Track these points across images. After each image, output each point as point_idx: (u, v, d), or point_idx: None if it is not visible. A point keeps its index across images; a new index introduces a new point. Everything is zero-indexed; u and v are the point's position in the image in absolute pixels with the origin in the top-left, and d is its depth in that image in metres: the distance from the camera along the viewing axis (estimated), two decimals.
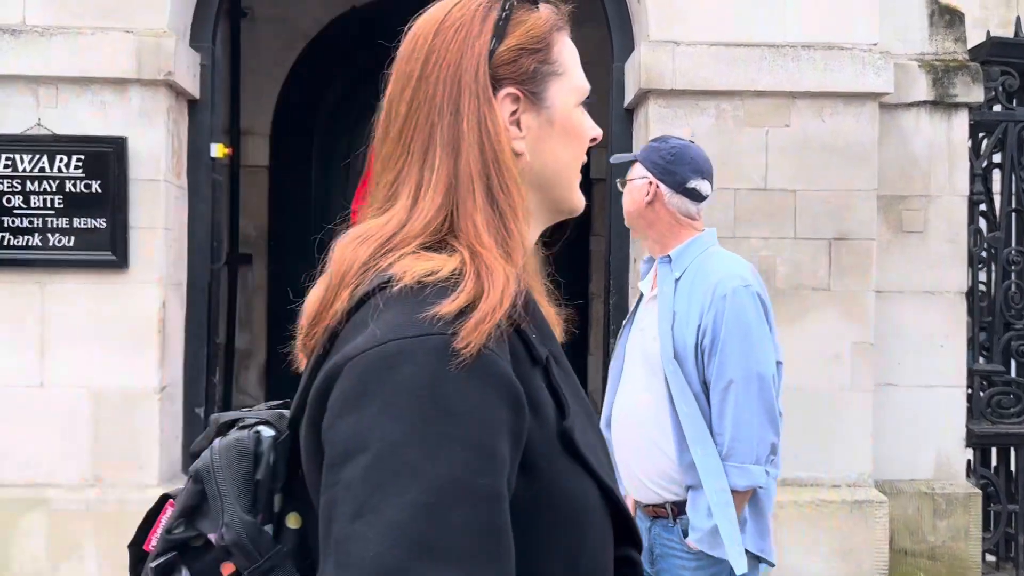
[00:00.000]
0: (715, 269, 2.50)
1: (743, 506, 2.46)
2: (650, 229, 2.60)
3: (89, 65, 4.35)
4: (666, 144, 2.62)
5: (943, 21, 4.81)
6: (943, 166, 4.75)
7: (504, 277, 0.98)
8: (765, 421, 2.42)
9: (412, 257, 1.01)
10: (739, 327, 2.42)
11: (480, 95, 1.05)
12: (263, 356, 6.91)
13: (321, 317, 1.03)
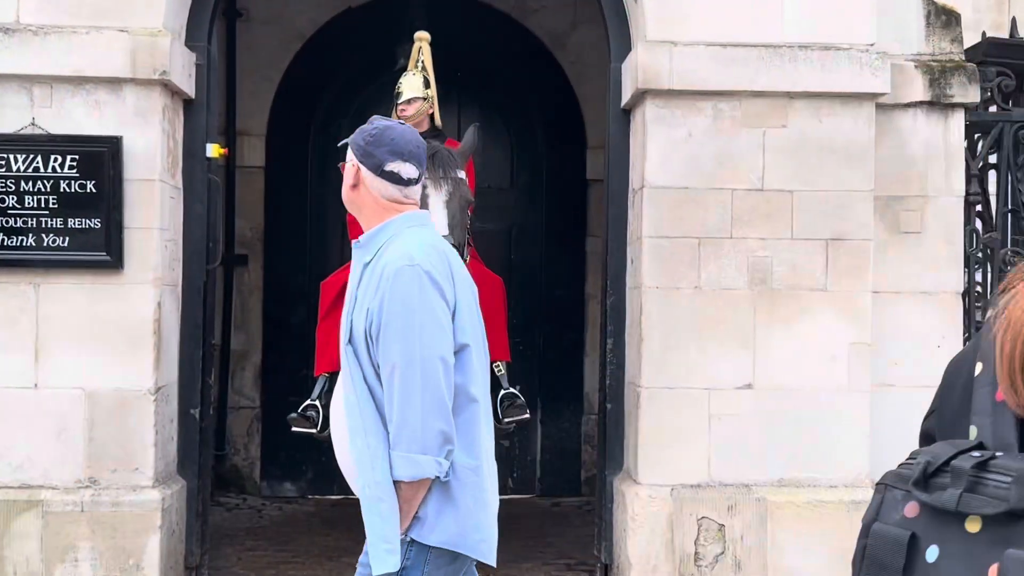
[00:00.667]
0: (393, 251, 2.36)
1: (416, 498, 2.30)
2: (359, 213, 2.50)
3: (84, 64, 4.33)
4: (369, 126, 2.49)
5: (940, 22, 4.81)
6: (940, 167, 4.75)
7: None
8: (432, 408, 2.25)
9: None
10: (402, 309, 2.28)
11: None
12: (258, 357, 6.89)
13: None
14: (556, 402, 6.99)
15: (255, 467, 6.85)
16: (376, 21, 6.74)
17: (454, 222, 3.94)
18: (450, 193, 3.97)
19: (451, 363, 2.31)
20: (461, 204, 4.01)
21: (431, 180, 3.99)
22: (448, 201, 3.96)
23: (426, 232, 2.47)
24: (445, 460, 2.28)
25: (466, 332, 2.36)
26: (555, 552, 5.56)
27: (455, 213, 3.96)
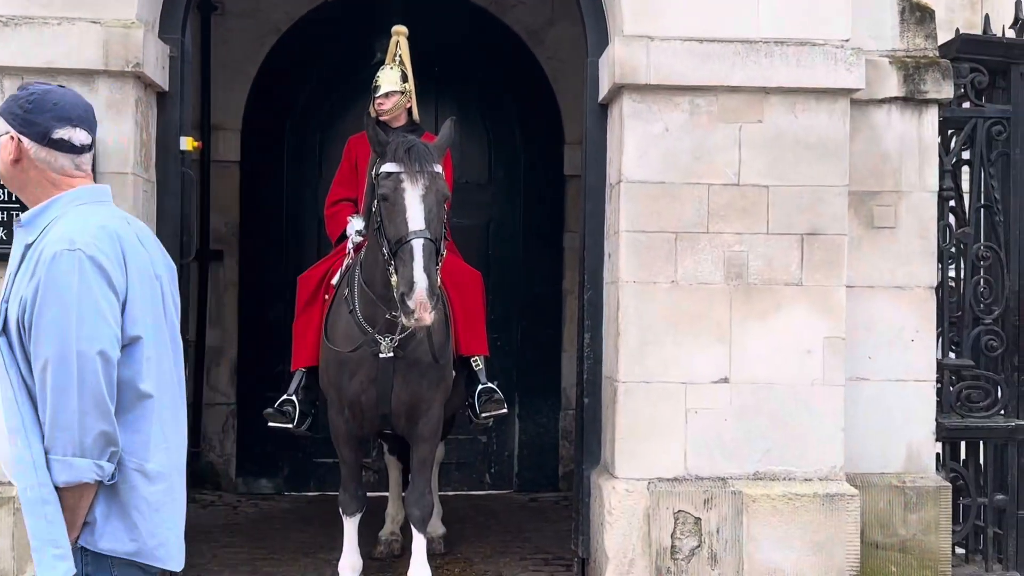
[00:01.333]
0: (55, 232, 2.12)
1: (81, 504, 2.12)
2: (24, 192, 2.22)
3: (56, 56, 4.28)
4: (25, 91, 2.21)
5: (914, 18, 4.85)
6: (914, 162, 4.79)
7: None
8: (89, 407, 2.06)
9: None
10: (57, 298, 2.07)
11: None
12: (234, 353, 6.84)
13: None
14: (534, 397, 6.99)
15: (231, 464, 6.81)
16: (353, 15, 6.71)
17: (431, 216, 3.93)
18: (426, 187, 3.96)
19: (114, 358, 2.10)
20: (438, 198, 3.99)
21: (407, 174, 3.97)
22: (424, 195, 3.94)
23: (100, 210, 2.20)
24: (108, 463, 2.10)
25: (138, 323, 2.15)
26: (532, 547, 5.56)
27: (432, 207, 3.94)
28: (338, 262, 4.67)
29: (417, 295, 3.76)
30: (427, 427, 4.45)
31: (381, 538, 5.30)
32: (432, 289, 3.79)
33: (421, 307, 3.76)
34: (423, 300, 3.76)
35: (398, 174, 3.97)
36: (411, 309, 3.78)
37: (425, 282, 3.77)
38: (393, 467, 5.48)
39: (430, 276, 3.80)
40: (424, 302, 3.76)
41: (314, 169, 6.92)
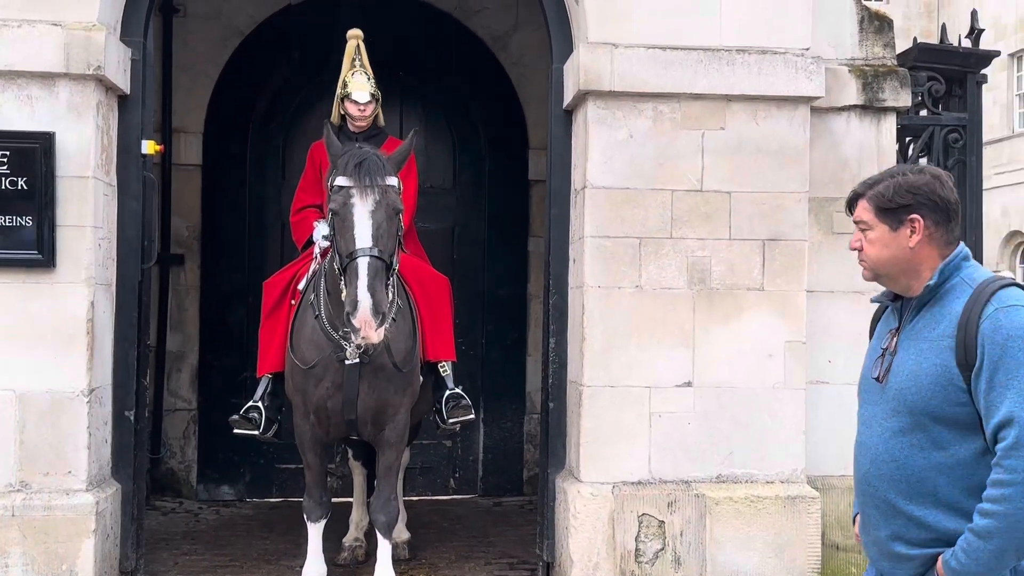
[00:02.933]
0: None
1: None
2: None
3: (15, 58, 4.23)
4: None
5: (872, 27, 4.94)
6: (872, 169, 4.85)
7: None
8: None
9: None
10: None
11: None
12: (195, 358, 6.76)
13: None
14: (498, 401, 6.99)
15: (192, 470, 6.73)
16: (316, 19, 6.68)
17: (380, 232, 3.91)
18: (377, 202, 3.93)
19: None
20: (389, 213, 3.96)
21: (357, 189, 3.95)
22: (374, 211, 3.92)
23: None
24: None
25: None
26: (497, 551, 5.56)
27: (381, 223, 3.92)
28: (304, 267, 4.65)
29: (360, 314, 3.75)
30: (393, 433, 4.44)
31: (345, 544, 5.28)
32: (377, 307, 3.77)
33: (366, 325, 3.76)
34: (367, 319, 3.75)
35: (348, 188, 3.96)
36: (356, 328, 3.78)
37: (368, 301, 3.76)
38: (357, 473, 5.46)
39: (375, 294, 3.78)
40: (368, 320, 3.75)
41: (277, 172, 6.88)
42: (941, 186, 2.27)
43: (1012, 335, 2.10)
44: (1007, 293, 2.18)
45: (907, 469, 2.20)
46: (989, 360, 2.11)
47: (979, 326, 2.13)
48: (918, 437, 2.20)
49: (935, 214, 2.25)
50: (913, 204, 2.24)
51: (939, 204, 2.25)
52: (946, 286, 2.23)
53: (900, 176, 2.29)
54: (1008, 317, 2.12)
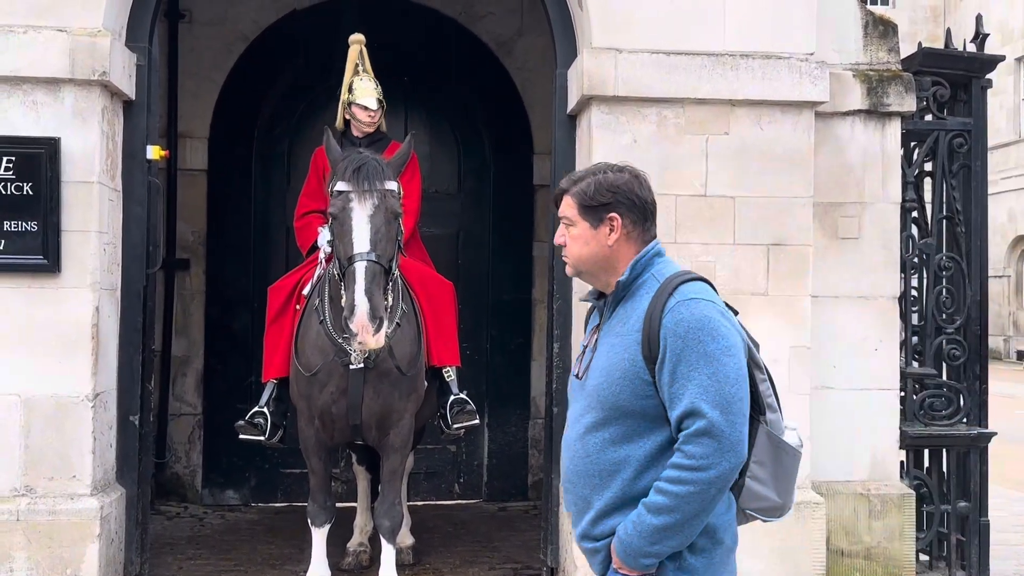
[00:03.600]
0: None
1: None
2: None
3: (21, 64, 4.24)
4: None
5: (877, 32, 4.93)
6: (877, 174, 4.87)
7: None
8: None
9: None
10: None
11: None
12: (200, 363, 6.77)
13: None
14: (503, 406, 6.99)
15: (197, 475, 6.73)
16: (321, 24, 6.69)
17: (378, 236, 3.92)
18: (375, 207, 3.95)
19: None
20: (387, 217, 3.97)
21: (356, 194, 3.96)
22: (372, 215, 3.93)
23: None
24: None
25: None
26: (502, 556, 5.56)
27: (379, 227, 3.93)
28: (309, 272, 4.65)
29: (357, 319, 3.77)
30: (398, 438, 4.44)
31: (349, 549, 5.27)
32: (374, 312, 3.78)
33: (363, 330, 3.77)
34: (364, 323, 3.76)
35: (347, 193, 3.98)
36: (354, 333, 3.79)
37: (366, 306, 3.77)
38: (362, 477, 5.46)
39: (372, 299, 3.79)
40: (365, 325, 3.76)
41: (282, 177, 6.89)
42: (640, 186, 2.31)
43: (692, 327, 2.12)
44: (689, 287, 2.20)
45: (598, 464, 2.20)
46: (672, 353, 2.12)
47: (662, 320, 2.15)
48: (610, 432, 2.20)
49: (633, 213, 2.29)
50: (612, 203, 2.27)
51: (636, 203, 2.29)
52: (637, 282, 2.25)
53: (601, 174, 2.31)
54: (689, 310, 2.14)
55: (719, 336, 2.12)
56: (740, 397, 2.10)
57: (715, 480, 2.07)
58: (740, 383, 2.11)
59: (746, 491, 2.19)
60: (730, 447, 2.07)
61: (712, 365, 2.09)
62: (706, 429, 2.07)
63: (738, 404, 2.09)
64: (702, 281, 2.25)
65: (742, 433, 2.09)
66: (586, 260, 2.31)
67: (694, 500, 2.08)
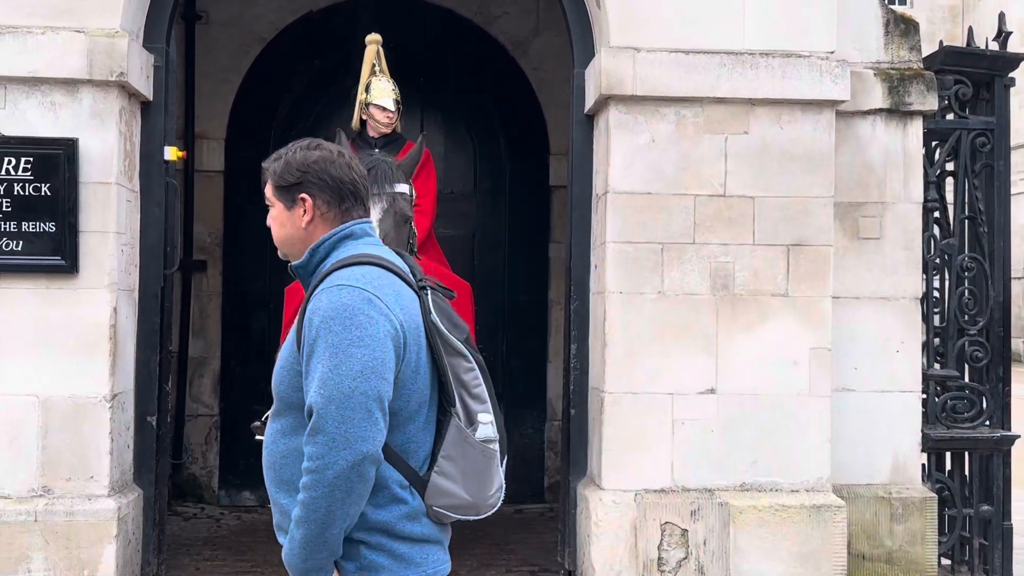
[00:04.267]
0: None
1: None
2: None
3: (39, 65, 4.25)
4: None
5: (898, 30, 4.88)
6: (898, 174, 4.82)
7: None
8: None
9: None
10: None
11: None
12: (217, 364, 6.78)
13: None
14: (519, 408, 6.96)
15: (213, 476, 6.74)
16: (337, 25, 6.69)
17: (387, 240, 3.91)
18: (384, 210, 3.93)
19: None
20: (397, 220, 3.95)
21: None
22: (381, 219, 3.92)
23: None
24: None
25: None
26: (519, 559, 5.53)
27: (388, 231, 3.91)
28: None
29: None
30: None
31: None
32: None
33: None
34: None
35: None
36: None
37: None
38: None
39: None
40: None
41: None
42: (332, 164, 2.14)
43: (327, 317, 1.96)
44: (345, 272, 2.03)
45: (273, 456, 2.09)
46: (307, 343, 1.99)
47: (307, 308, 2.03)
48: (281, 423, 2.09)
49: (325, 193, 2.12)
50: (303, 182, 2.12)
51: (329, 183, 2.12)
52: (322, 267, 2.09)
53: (292, 153, 2.16)
54: (328, 298, 1.98)
55: (354, 326, 1.94)
56: (364, 391, 1.92)
57: (335, 481, 1.90)
58: (367, 377, 1.93)
59: (432, 487, 2.04)
60: (344, 444, 1.90)
61: (336, 358, 1.93)
62: (319, 427, 1.92)
63: (359, 399, 1.91)
64: (371, 265, 2.06)
65: (362, 430, 1.91)
66: (286, 242, 2.15)
67: (320, 506, 1.92)
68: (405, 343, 2.01)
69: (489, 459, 2.08)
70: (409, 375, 2.02)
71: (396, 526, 2.02)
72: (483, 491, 2.08)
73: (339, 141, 4.26)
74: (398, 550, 2.02)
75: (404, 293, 2.07)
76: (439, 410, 2.08)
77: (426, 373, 2.05)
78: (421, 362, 2.04)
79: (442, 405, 2.08)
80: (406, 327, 2.02)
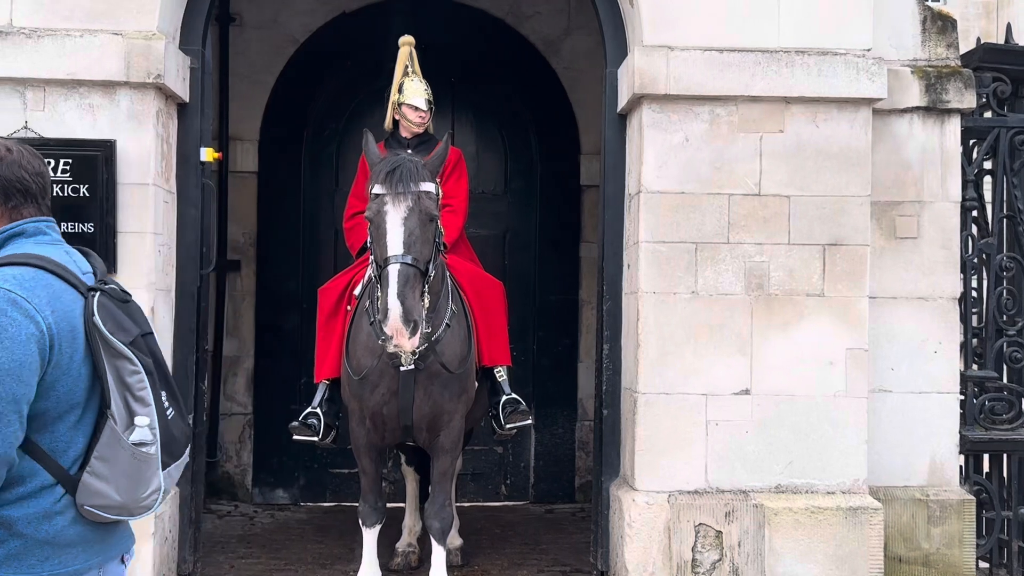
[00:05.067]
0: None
1: None
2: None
3: (77, 67, 4.30)
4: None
5: (935, 27, 4.82)
6: (936, 172, 4.76)
7: None
8: None
9: None
10: None
11: None
12: (251, 363, 6.83)
13: None
14: (550, 408, 6.96)
15: (247, 474, 6.79)
16: (370, 26, 6.72)
17: (412, 239, 3.90)
18: (409, 209, 3.93)
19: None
20: (423, 219, 3.94)
21: (390, 196, 3.95)
22: (407, 218, 3.91)
23: None
24: None
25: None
26: (550, 559, 5.52)
27: (413, 229, 3.91)
28: (360, 273, 4.66)
29: (391, 322, 3.75)
30: (448, 439, 4.43)
31: (398, 550, 5.28)
32: (407, 315, 3.75)
33: (397, 334, 3.75)
34: (397, 327, 3.74)
35: (382, 196, 3.97)
36: (388, 336, 3.77)
37: (399, 309, 3.74)
38: (410, 479, 5.46)
39: (405, 302, 3.76)
40: (399, 329, 3.74)
41: (330, 179, 6.93)
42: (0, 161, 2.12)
43: None
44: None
45: None
46: None
47: None
48: None
49: None
50: None
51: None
52: None
53: None
54: None
55: None
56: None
57: None
58: (2, 379, 1.93)
59: (83, 487, 2.04)
60: None
61: None
62: None
63: None
64: (28, 266, 2.03)
65: None
66: None
67: None
68: (53, 345, 2.00)
69: (141, 462, 2.07)
70: (58, 376, 2.02)
71: (17, 523, 2.02)
72: (135, 493, 2.06)
73: (366, 142, 4.27)
74: (11, 546, 2.02)
75: (64, 295, 2.05)
76: (99, 411, 2.08)
77: (81, 374, 2.05)
78: (75, 363, 2.04)
79: (101, 407, 2.08)
80: (57, 329, 2.01)
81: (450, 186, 4.90)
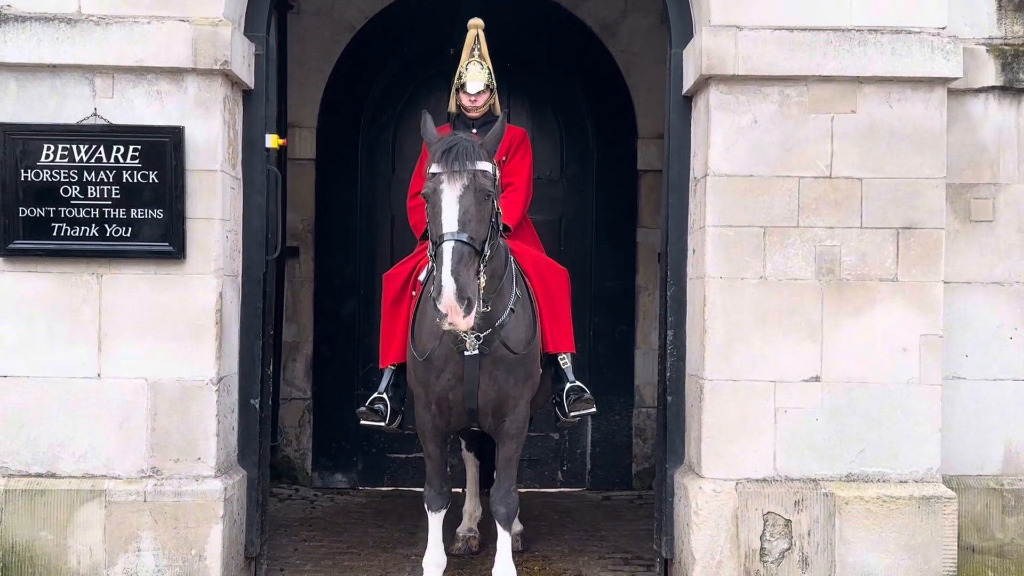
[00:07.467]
0: None
1: None
2: None
3: (145, 54, 4.33)
4: None
5: (1011, 4, 4.69)
6: (1012, 153, 4.64)
7: None
8: None
9: None
10: None
11: None
12: (310, 348, 6.89)
13: None
14: (607, 395, 6.90)
15: (307, 458, 6.86)
16: (426, 11, 6.70)
17: (467, 216, 3.86)
18: (465, 187, 3.90)
19: None
20: (478, 197, 3.91)
21: (446, 175, 3.92)
22: (462, 196, 3.88)
23: None
24: None
25: None
26: (610, 546, 5.50)
27: (469, 207, 3.87)
28: (424, 259, 4.65)
29: (445, 299, 3.72)
30: (513, 424, 4.42)
31: (459, 534, 5.29)
32: (461, 292, 3.72)
33: (451, 311, 3.72)
34: (451, 304, 3.71)
35: (438, 175, 3.95)
36: (442, 313, 3.75)
37: (452, 286, 3.71)
38: (471, 464, 5.46)
39: (459, 279, 3.73)
40: (453, 306, 3.71)
41: (387, 166, 6.94)
42: None
43: None
44: None
45: None
46: None
47: None
48: None
49: None
50: None
51: None
52: None
53: None
54: None
55: None
56: None
57: None
58: None
59: None
60: None
61: None
62: None
63: None
64: None
65: None
66: None
67: None
68: None
69: None
70: None
71: None
72: None
73: (424, 122, 4.25)
74: None
75: None
76: None
77: None
78: None
79: None
80: None
81: (514, 164, 4.88)
